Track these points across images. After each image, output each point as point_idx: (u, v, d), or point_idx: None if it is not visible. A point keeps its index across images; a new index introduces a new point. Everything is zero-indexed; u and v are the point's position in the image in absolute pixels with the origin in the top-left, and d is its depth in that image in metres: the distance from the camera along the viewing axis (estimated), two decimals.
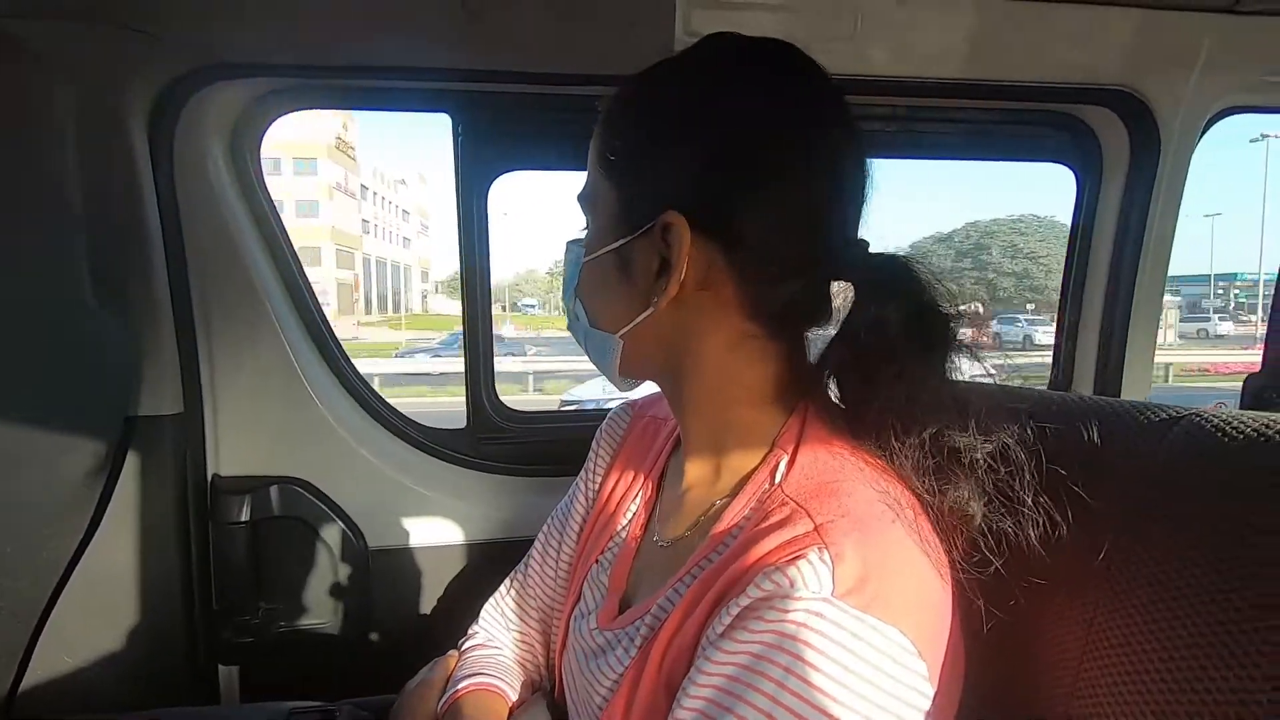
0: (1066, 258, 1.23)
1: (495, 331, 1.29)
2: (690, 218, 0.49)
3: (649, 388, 0.64)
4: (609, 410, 0.77)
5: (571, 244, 0.60)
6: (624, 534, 0.65)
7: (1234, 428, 0.41)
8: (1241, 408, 1.35)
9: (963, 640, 0.48)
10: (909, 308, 0.49)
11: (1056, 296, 1.27)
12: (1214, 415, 0.44)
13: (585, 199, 0.58)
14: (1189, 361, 16.95)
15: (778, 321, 0.52)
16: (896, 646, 0.41)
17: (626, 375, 0.59)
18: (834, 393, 0.54)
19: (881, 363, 0.48)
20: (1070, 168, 1.21)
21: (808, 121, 0.51)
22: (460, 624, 0.79)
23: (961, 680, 0.48)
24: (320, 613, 1.07)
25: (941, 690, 0.43)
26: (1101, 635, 0.47)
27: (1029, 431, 0.49)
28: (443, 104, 1.05)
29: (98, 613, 0.98)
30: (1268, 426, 0.40)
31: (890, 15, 0.98)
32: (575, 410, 1.14)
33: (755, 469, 0.53)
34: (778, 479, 0.50)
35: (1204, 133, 1.17)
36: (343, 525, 1.06)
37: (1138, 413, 0.49)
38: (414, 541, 1.10)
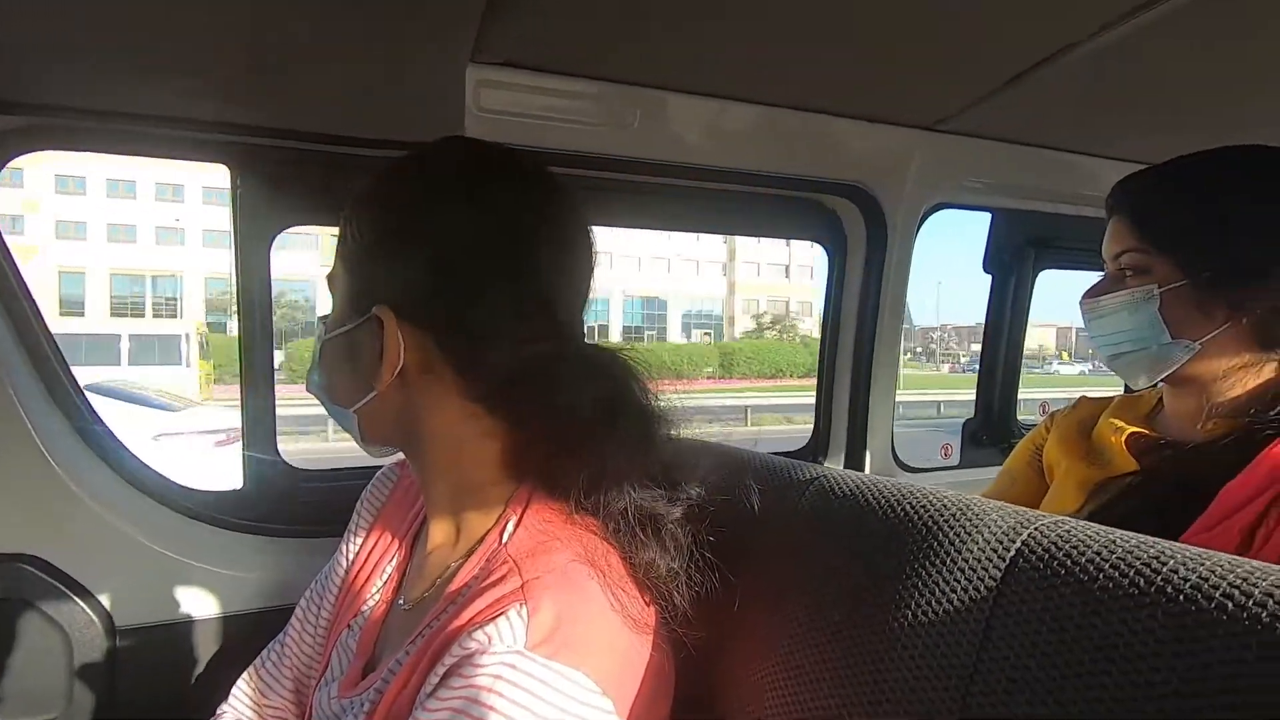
0: (821, 330, 1.43)
1: None
2: (403, 312, 0.54)
3: None
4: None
5: (321, 319, 0.63)
6: (376, 598, 0.67)
7: (843, 487, 0.52)
8: (961, 448, 1.63)
9: (664, 677, 0.54)
10: (607, 392, 0.56)
11: None
12: (836, 475, 0.55)
13: (330, 280, 0.61)
14: None
15: (500, 401, 0.57)
16: (580, 689, 0.46)
17: (371, 444, 0.62)
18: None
19: (583, 440, 0.55)
20: (824, 247, 1.42)
21: (522, 227, 0.56)
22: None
23: (665, 711, 0.54)
24: (48, 707, 0.94)
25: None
26: (776, 670, 0.55)
27: (734, 491, 0.59)
28: (220, 155, 1.02)
29: None
30: (858, 486, 0.51)
31: (666, 111, 1.11)
32: (366, 466, 1.10)
33: (489, 531, 0.57)
34: (505, 539, 0.55)
35: (922, 222, 1.42)
36: (83, 605, 0.95)
37: (791, 470, 0.60)
38: (175, 616, 1.01)
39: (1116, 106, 1.19)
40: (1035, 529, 0.39)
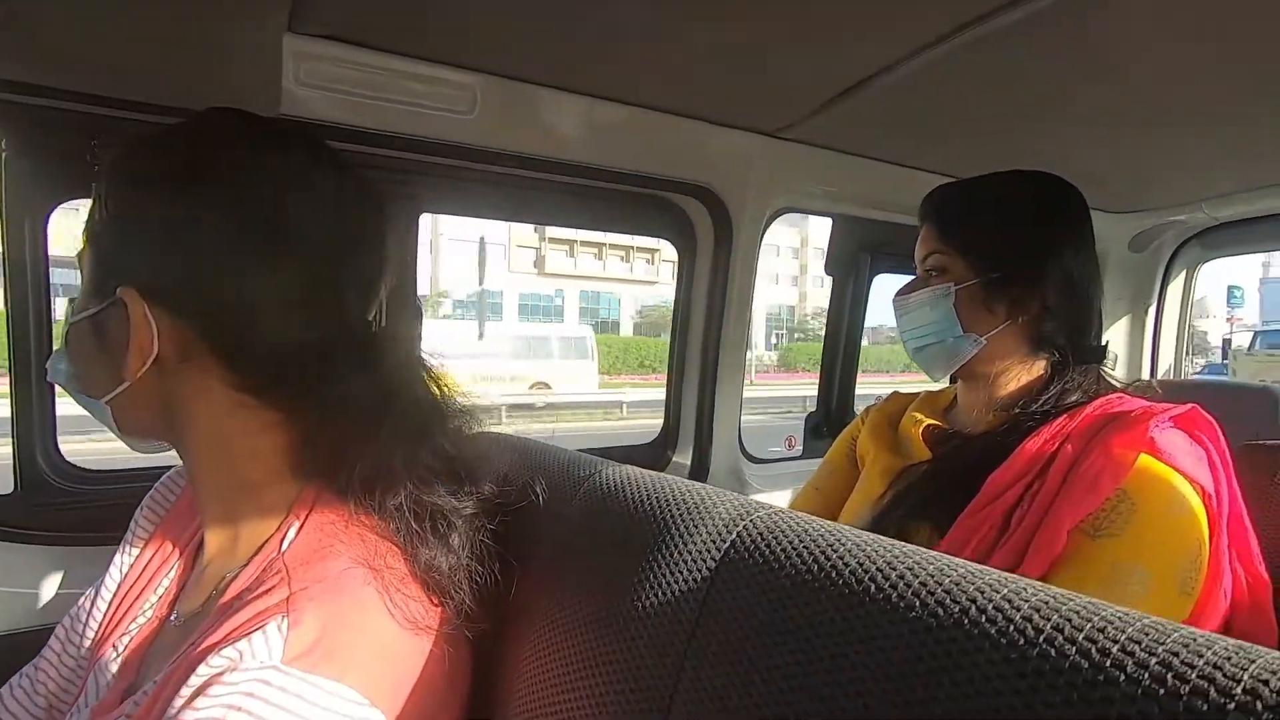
0: (672, 324, 1.47)
1: None
2: (154, 295, 0.50)
3: None
4: None
5: (71, 301, 0.57)
6: (148, 614, 0.61)
7: (611, 482, 0.53)
8: (805, 439, 1.73)
9: (451, 680, 0.53)
10: (384, 384, 0.54)
11: None
12: (609, 470, 0.56)
13: (79, 259, 0.56)
14: None
15: (272, 392, 0.53)
16: (345, 702, 0.44)
17: (130, 436, 0.57)
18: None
19: (358, 434, 0.52)
20: (674, 245, 1.45)
21: (290, 208, 0.53)
22: None
23: (455, 713, 0.53)
24: None
25: None
26: (549, 665, 0.55)
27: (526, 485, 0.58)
28: None
29: None
30: (623, 480, 0.52)
31: (509, 100, 1.09)
32: (160, 466, 1.00)
33: (269, 538, 0.53)
34: (284, 546, 0.51)
35: (768, 225, 1.49)
36: None
37: (574, 466, 0.60)
38: None
39: (935, 124, 1.30)
40: (751, 520, 0.41)
